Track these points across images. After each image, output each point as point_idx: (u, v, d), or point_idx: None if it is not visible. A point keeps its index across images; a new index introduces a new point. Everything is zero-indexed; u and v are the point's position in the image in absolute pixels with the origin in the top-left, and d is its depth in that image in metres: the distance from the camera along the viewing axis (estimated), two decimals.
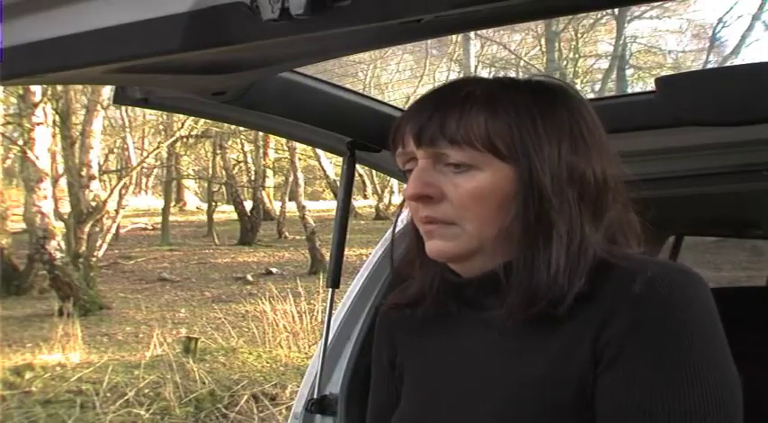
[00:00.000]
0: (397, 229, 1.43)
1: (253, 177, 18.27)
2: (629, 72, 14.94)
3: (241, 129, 14.01)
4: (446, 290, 1.07)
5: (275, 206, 19.14)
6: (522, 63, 15.26)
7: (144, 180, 23.71)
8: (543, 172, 0.94)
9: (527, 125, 0.96)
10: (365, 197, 22.62)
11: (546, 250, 0.94)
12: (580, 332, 0.93)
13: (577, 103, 1.02)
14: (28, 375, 6.82)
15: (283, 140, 13.77)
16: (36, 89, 9.94)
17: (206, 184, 21.08)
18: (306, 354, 7.23)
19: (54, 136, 12.34)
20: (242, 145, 18.39)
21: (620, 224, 1.00)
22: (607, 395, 0.90)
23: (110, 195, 11.71)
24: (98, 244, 11.45)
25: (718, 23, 13.62)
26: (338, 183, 1.78)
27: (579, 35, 14.79)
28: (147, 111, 13.55)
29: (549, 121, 0.97)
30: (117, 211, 12.08)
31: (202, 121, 12.21)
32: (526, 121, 0.96)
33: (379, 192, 20.67)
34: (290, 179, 15.51)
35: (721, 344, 0.91)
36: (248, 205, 17.36)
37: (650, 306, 0.89)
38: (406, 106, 1.10)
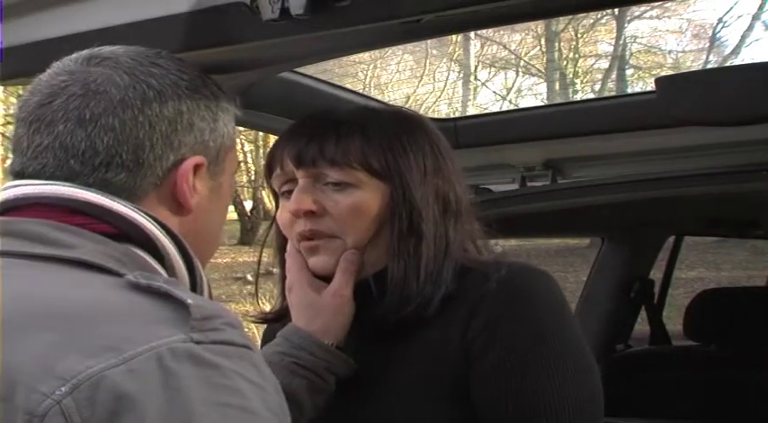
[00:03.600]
0: None
1: (253, 177, 18.29)
2: (629, 72, 14.92)
3: (241, 129, 14.01)
4: None
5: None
6: (522, 63, 15.27)
7: None
8: (414, 188, 1.06)
9: (397, 147, 1.07)
10: None
11: (416, 257, 1.05)
12: (448, 331, 1.03)
13: (431, 130, 1.13)
14: None
15: None
16: None
17: None
18: None
19: None
20: (242, 145, 18.38)
21: (472, 235, 1.12)
22: (480, 383, 1.01)
23: None
24: None
25: (718, 23, 13.59)
26: None
27: (579, 35, 14.77)
28: None
29: (414, 144, 1.09)
30: None
31: None
32: (396, 143, 1.07)
33: None
34: None
35: (573, 333, 1.04)
36: (248, 205, 17.37)
37: (505, 302, 1.01)
38: (407, 105, 1.13)
